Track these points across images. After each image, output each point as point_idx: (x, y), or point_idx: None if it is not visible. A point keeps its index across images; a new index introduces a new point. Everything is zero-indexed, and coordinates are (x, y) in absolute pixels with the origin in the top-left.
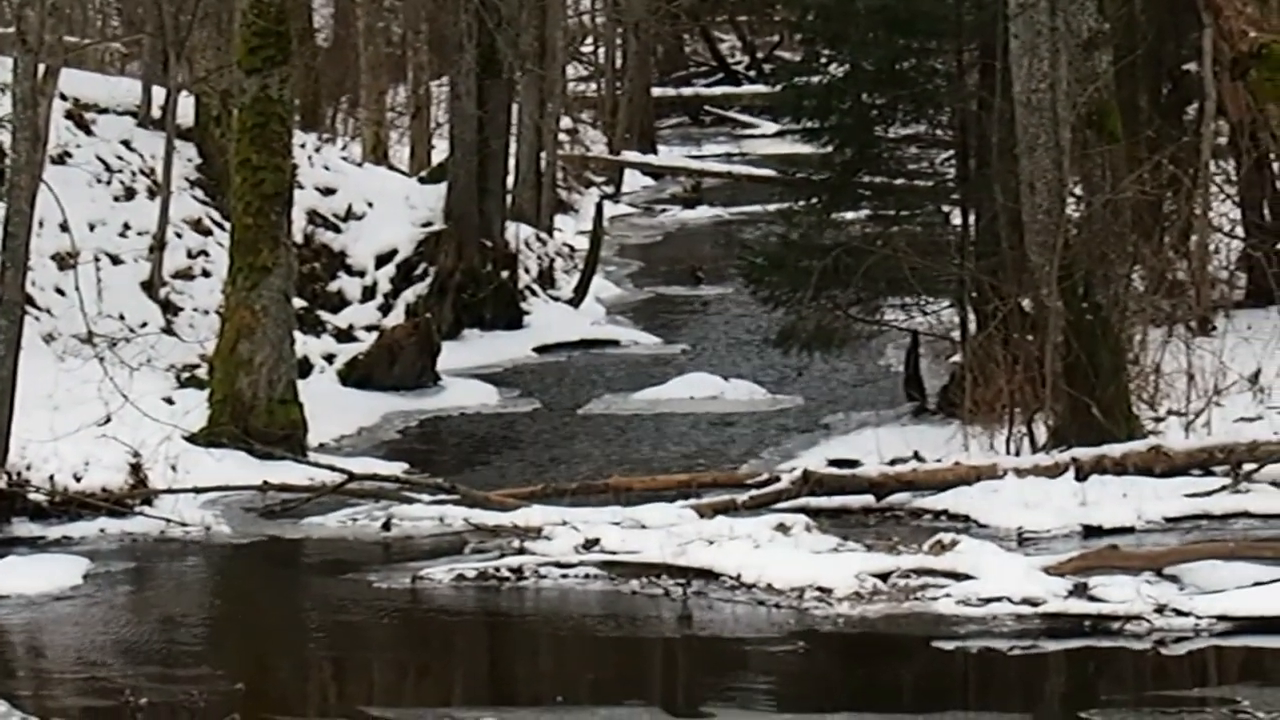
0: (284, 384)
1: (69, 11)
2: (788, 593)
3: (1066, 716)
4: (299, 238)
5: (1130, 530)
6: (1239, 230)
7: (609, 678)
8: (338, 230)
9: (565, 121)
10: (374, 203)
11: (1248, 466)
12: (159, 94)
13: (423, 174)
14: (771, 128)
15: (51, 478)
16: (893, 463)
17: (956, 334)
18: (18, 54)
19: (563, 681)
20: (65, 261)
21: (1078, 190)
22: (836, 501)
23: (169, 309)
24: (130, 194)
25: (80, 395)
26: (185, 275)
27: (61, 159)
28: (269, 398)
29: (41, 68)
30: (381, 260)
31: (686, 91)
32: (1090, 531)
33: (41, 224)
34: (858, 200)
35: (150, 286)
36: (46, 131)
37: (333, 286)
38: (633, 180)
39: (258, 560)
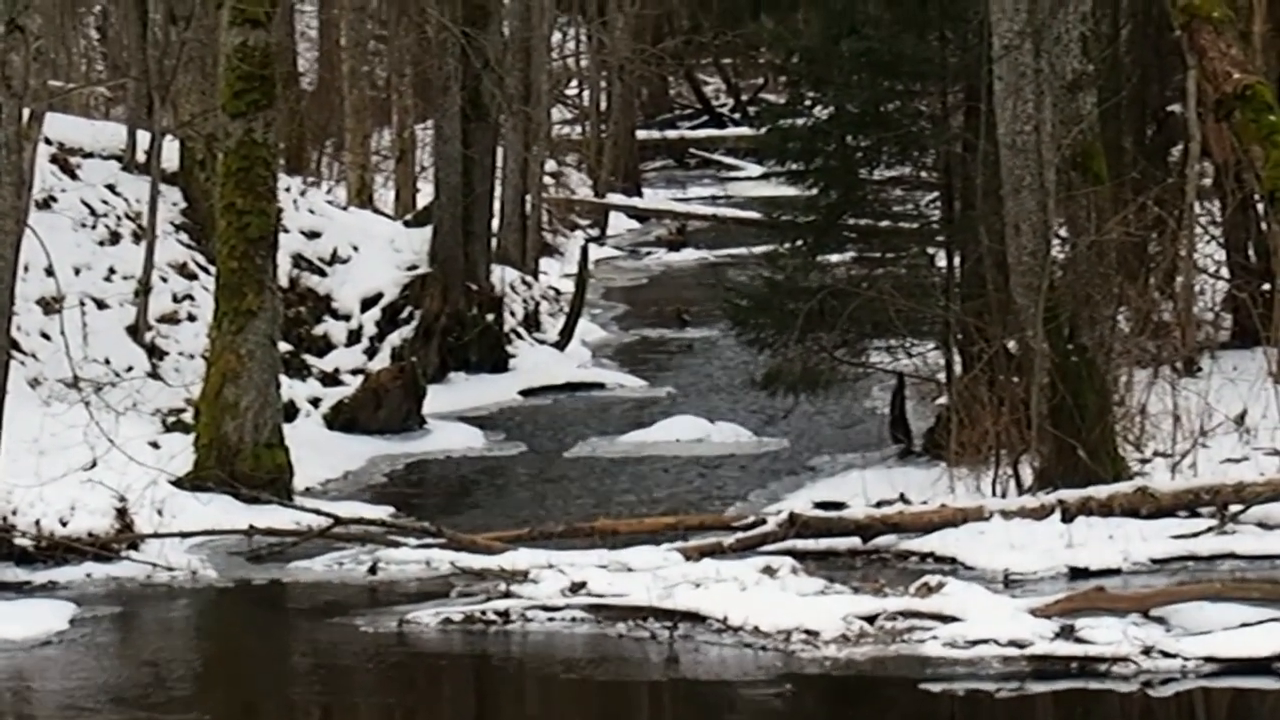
0: (270, 428)
1: (53, 56)
2: (774, 635)
3: None
4: (284, 281)
5: (1117, 572)
6: (1224, 271)
7: None
8: (323, 274)
9: (550, 164)
10: (359, 246)
11: (1234, 508)
12: (144, 138)
13: (408, 217)
14: (756, 170)
15: (37, 522)
16: (879, 505)
17: (942, 376)
18: (2, 98)
19: None
20: (51, 306)
21: (1063, 232)
22: (823, 544)
23: (154, 353)
24: (115, 238)
25: (66, 440)
26: (171, 319)
27: (46, 203)
28: (255, 442)
29: (26, 112)
30: (367, 304)
31: (671, 134)
32: (1076, 573)
33: (27, 269)
34: (843, 243)
35: (136, 331)
36: (31, 176)
37: (318, 330)
38: (618, 223)
39: (244, 604)
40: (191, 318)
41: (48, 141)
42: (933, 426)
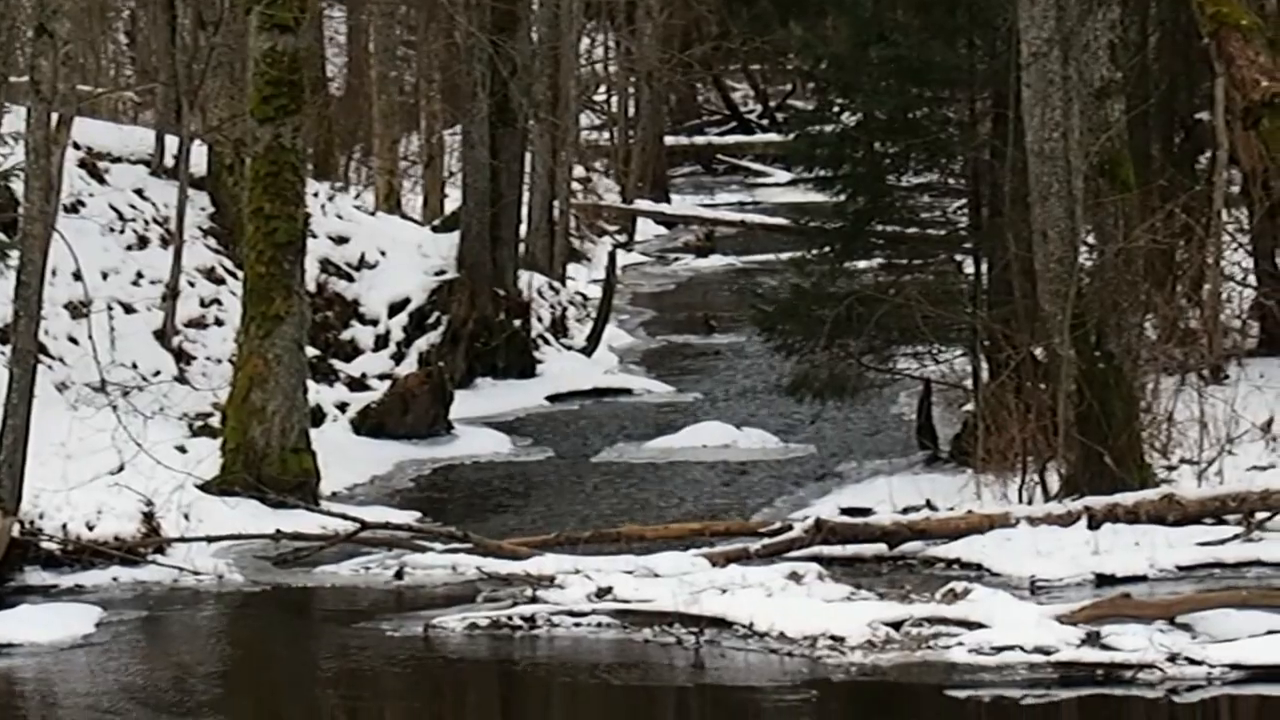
0: (297, 432)
1: (82, 61)
2: (800, 641)
3: None
4: (312, 286)
5: (1143, 579)
6: (1251, 279)
7: None
8: (351, 279)
9: (578, 170)
10: (387, 251)
11: (1260, 515)
12: (172, 143)
13: (436, 223)
14: (784, 176)
15: (64, 526)
16: (905, 511)
17: (969, 383)
18: (31, 103)
19: None
20: (78, 310)
21: (1090, 239)
22: (849, 550)
23: (182, 357)
24: (143, 243)
25: (93, 444)
26: (198, 324)
27: (75, 208)
28: (282, 446)
29: (55, 117)
30: (394, 309)
31: (699, 140)
32: (1103, 580)
33: (55, 273)
34: (870, 249)
35: (163, 335)
36: (60, 180)
37: (345, 335)
38: (645, 229)
39: (271, 609)
40: (219, 322)
41: (76, 146)
42: (959, 433)
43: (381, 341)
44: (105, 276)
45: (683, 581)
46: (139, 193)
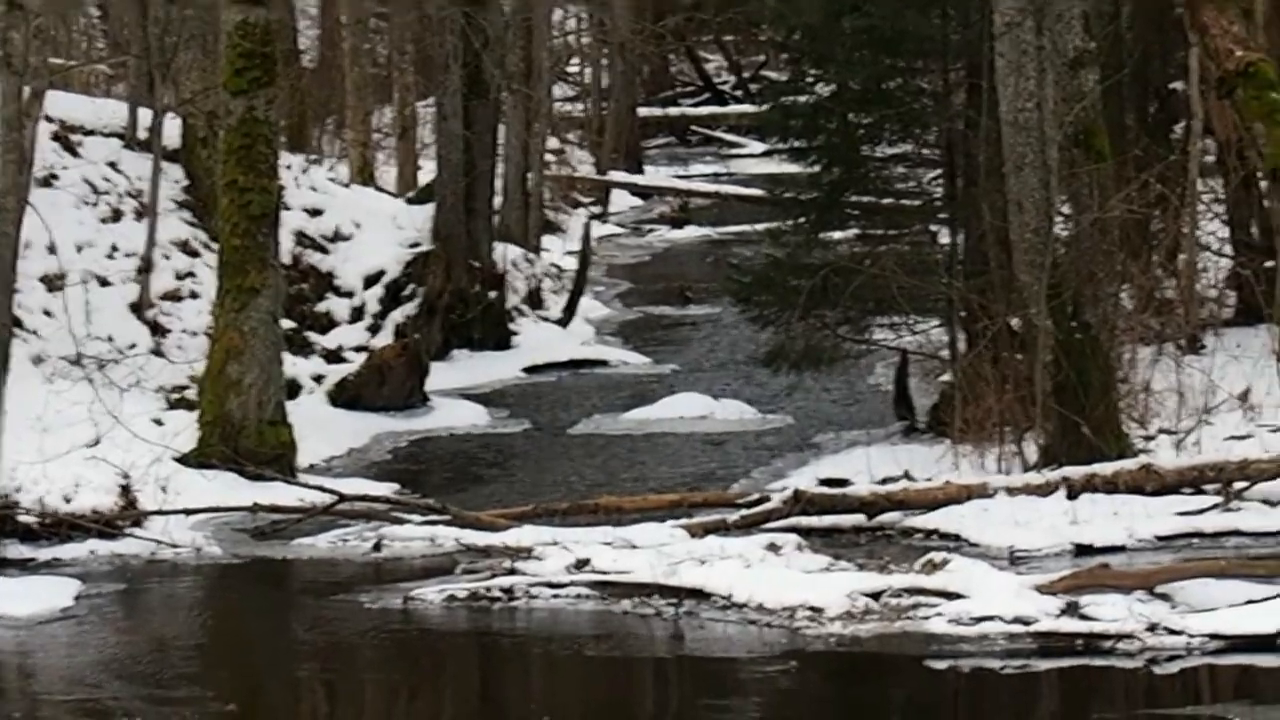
0: (273, 405)
1: (54, 34)
2: (779, 612)
3: None
4: (287, 259)
5: (1122, 549)
6: (1227, 248)
7: (600, 698)
8: (325, 251)
9: (552, 142)
10: (361, 224)
11: (1238, 485)
12: (145, 116)
13: (410, 195)
14: (759, 147)
15: (41, 500)
16: (883, 482)
17: (946, 353)
18: (3, 77)
19: (554, 702)
20: (53, 283)
21: (1065, 209)
22: (827, 521)
23: (157, 330)
24: (118, 216)
25: (70, 417)
26: (173, 297)
27: (48, 181)
28: (258, 419)
29: (27, 90)
30: (369, 281)
31: (673, 111)
32: (1082, 550)
33: (29, 246)
34: (845, 219)
35: (139, 308)
36: (32, 154)
37: (321, 307)
38: (620, 200)
39: (249, 581)
40: (194, 295)
41: (49, 119)
42: (937, 403)
43: (357, 314)
44: (80, 249)
45: (661, 553)
46: (113, 165)
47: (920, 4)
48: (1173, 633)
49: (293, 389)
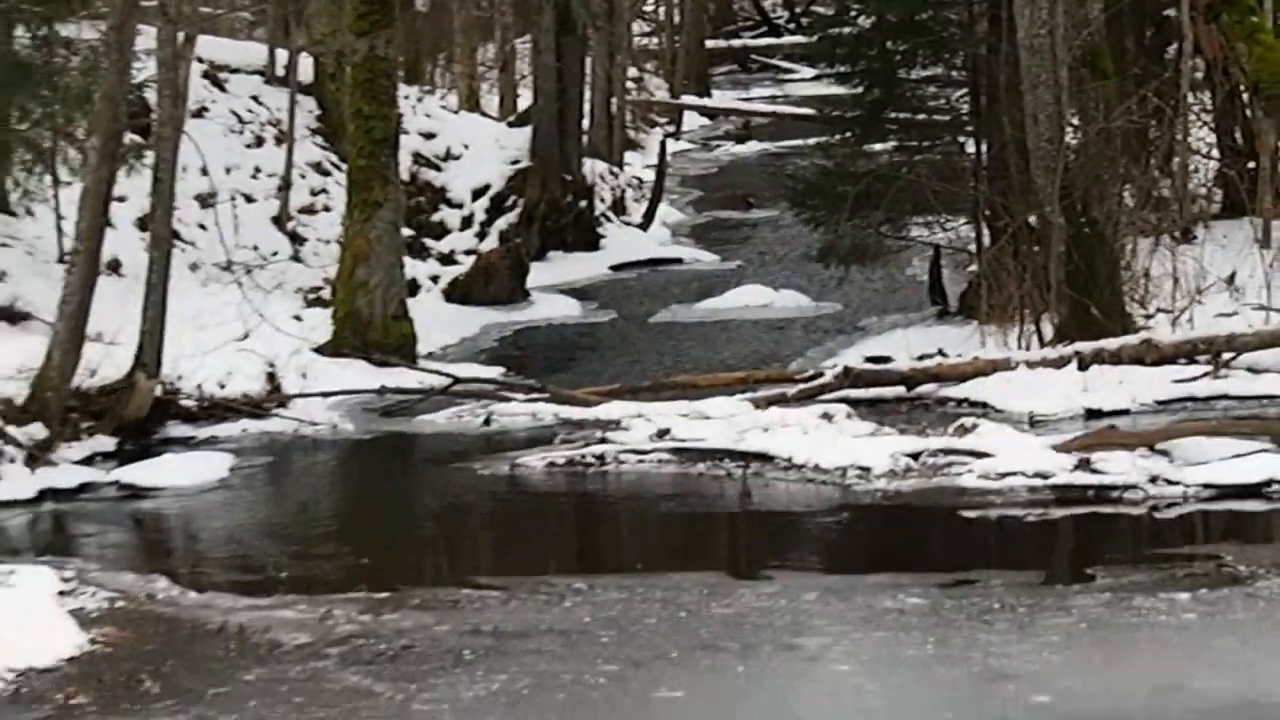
0: (396, 302)
1: None
2: (833, 471)
3: (1075, 572)
4: (406, 176)
5: (1126, 412)
6: (1215, 152)
7: (681, 547)
8: (438, 169)
9: (632, 71)
10: (469, 145)
11: (1226, 355)
12: (282, 55)
13: (510, 119)
14: (810, 73)
15: (199, 386)
16: (920, 359)
17: (973, 247)
18: (160, 24)
19: (642, 551)
20: (206, 201)
21: (1075, 121)
22: (873, 393)
23: (296, 240)
24: (260, 142)
25: (222, 316)
26: (309, 210)
27: (200, 113)
28: (384, 315)
29: (180, 35)
30: (476, 194)
31: (735, 43)
32: (1092, 414)
33: (185, 169)
34: (885, 134)
35: (279, 221)
36: (186, 90)
37: (435, 217)
38: (691, 121)
39: (378, 453)
40: (327, 209)
41: (199, 60)
42: (965, 291)
43: (466, 222)
44: (228, 171)
45: (730, 423)
46: (255, 99)
47: None
48: (1171, 483)
49: (412, 288)
